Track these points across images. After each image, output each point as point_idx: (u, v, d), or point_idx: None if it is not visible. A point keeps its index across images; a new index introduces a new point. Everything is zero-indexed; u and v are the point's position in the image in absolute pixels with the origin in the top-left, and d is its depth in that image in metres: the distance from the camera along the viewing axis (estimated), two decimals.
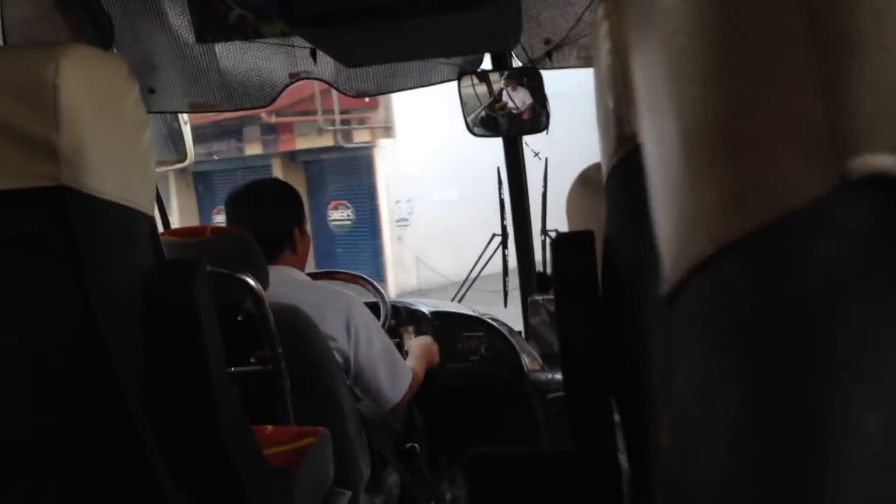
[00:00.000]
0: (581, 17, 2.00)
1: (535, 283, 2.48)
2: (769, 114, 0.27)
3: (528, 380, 2.22)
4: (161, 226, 2.26)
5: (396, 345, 1.93)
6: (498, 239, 2.67)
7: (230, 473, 0.90)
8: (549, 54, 2.12)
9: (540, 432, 2.21)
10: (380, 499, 1.87)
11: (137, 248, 0.86)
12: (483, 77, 2.30)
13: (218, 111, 2.27)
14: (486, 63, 2.34)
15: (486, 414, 2.28)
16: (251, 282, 1.45)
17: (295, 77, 2.18)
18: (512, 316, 2.56)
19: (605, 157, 0.75)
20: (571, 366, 0.79)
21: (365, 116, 11.04)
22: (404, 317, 2.29)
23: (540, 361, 2.27)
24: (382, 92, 2.31)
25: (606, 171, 0.76)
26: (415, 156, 10.16)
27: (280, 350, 1.49)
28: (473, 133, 2.35)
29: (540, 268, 2.56)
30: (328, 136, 11.14)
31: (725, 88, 0.28)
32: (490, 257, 2.73)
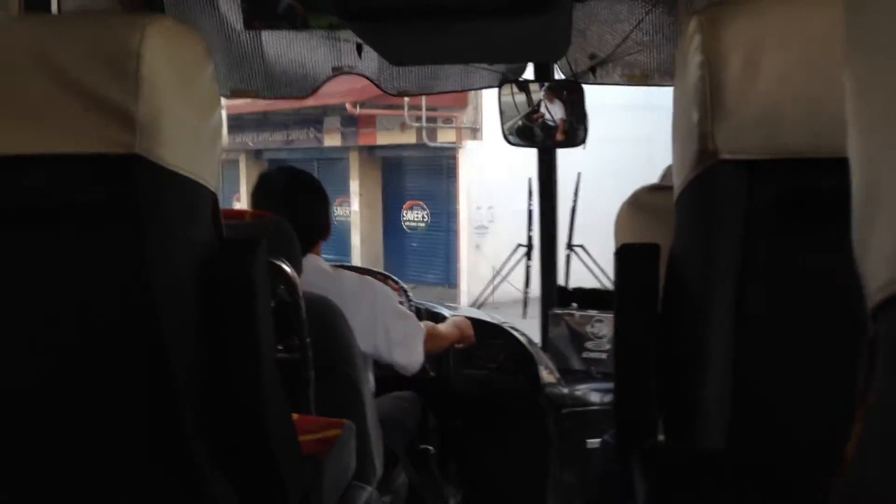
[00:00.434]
0: (629, 36, 2.00)
1: (557, 297, 2.48)
2: None
3: (544, 393, 2.21)
4: None
5: None
6: (522, 249, 2.67)
7: (268, 457, 0.90)
8: (594, 69, 2.12)
9: (552, 447, 2.20)
10: (388, 498, 1.86)
11: (199, 223, 0.86)
12: (524, 87, 2.30)
13: (256, 97, 2.28)
14: (528, 73, 2.35)
15: (499, 423, 2.27)
16: (287, 269, 1.45)
17: (338, 71, 2.18)
18: (530, 328, 2.55)
19: (681, 170, 0.75)
20: (624, 370, 0.79)
21: (452, 115, 10.29)
22: (425, 318, 2.29)
23: (557, 375, 2.26)
24: (423, 93, 2.32)
25: (682, 185, 0.75)
26: (500, 161, 8.99)
27: (309, 340, 1.49)
28: (509, 141, 2.36)
29: (562, 282, 2.56)
30: (411, 133, 10.53)
31: None
32: (513, 267, 2.73)
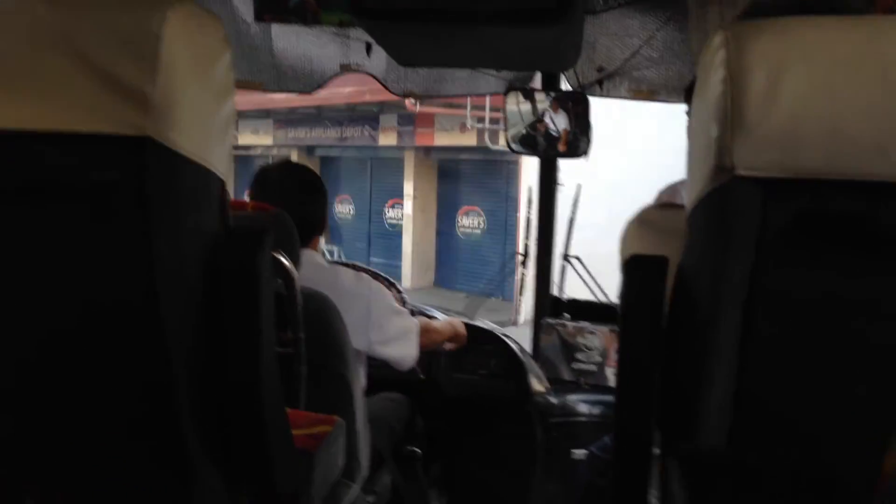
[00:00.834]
0: (638, 51, 2.01)
1: (550, 307, 2.49)
2: None
3: (533, 401, 2.21)
4: None
5: None
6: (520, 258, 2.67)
7: (263, 449, 0.90)
8: (601, 82, 2.13)
9: (537, 455, 2.20)
10: (372, 498, 1.85)
11: (207, 211, 0.86)
12: (529, 95, 2.30)
13: (263, 91, 2.27)
14: (535, 82, 2.36)
15: (487, 429, 2.27)
16: (285, 262, 1.45)
17: (345, 69, 2.19)
18: (521, 337, 2.55)
19: (696, 186, 0.75)
20: (627, 382, 0.79)
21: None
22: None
23: (546, 384, 2.26)
24: (429, 95, 2.32)
25: (695, 199, 0.76)
26: (565, 169, 8.80)
27: (303, 335, 1.49)
28: (511, 149, 2.36)
29: (556, 292, 2.57)
30: (471, 135, 10.10)
31: None
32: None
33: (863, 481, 0.31)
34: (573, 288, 2.63)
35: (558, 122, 2.33)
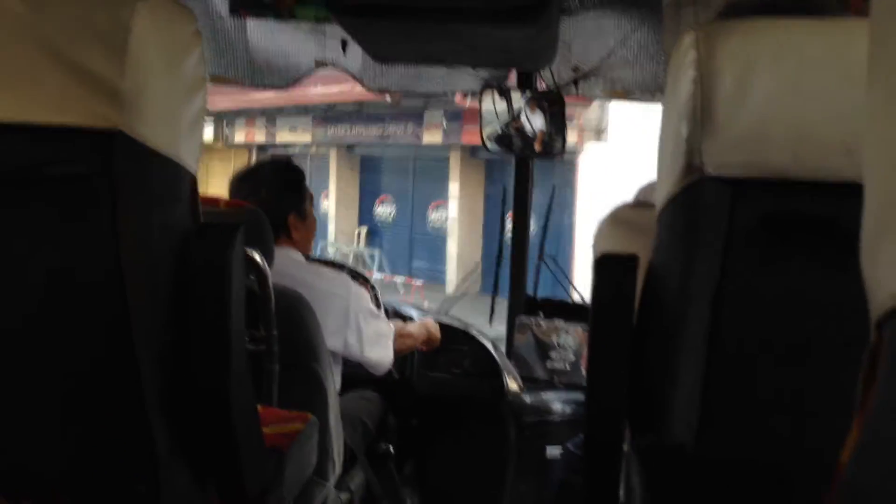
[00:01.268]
0: (613, 51, 2.02)
1: (524, 305, 2.49)
2: None
3: (507, 400, 2.21)
4: None
5: None
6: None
7: (232, 447, 0.89)
8: (576, 82, 2.14)
9: (510, 455, 2.21)
10: (345, 496, 1.85)
11: (177, 205, 0.85)
12: (505, 94, 2.31)
13: (238, 86, 2.25)
14: (512, 80, 2.36)
15: (460, 428, 2.27)
16: (258, 258, 1.44)
17: (321, 64, 2.17)
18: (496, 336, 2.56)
19: (665, 185, 0.76)
20: (596, 379, 0.79)
21: (571, 113, 7.39)
22: (392, 317, 2.28)
23: (520, 384, 2.27)
24: (404, 91, 2.31)
25: (665, 198, 0.76)
26: (628, 167, 7.24)
27: (275, 333, 1.48)
28: (486, 148, 2.36)
29: (530, 292, 2.57)
30: None
31: None
32: None
33: (823, 474, 0.31)
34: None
35: (534, 122, 2.34)
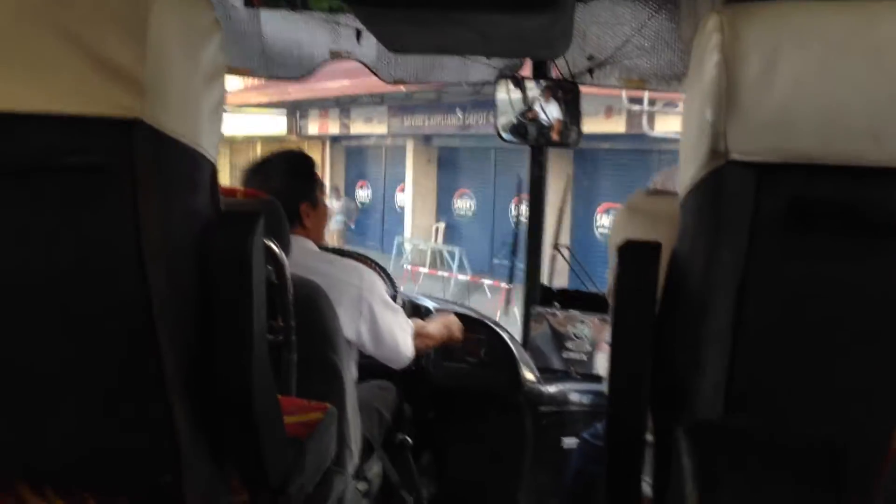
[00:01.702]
0: (629, 39, 2.01)
1: (540, 295, 2.49)
2: None
3: (524, 390, 2.21)
4: None
5: None
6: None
7: (253, 434, 0.89)
8: (591, 70, 2.13)
9: (527, 445, 2.21)
10: (363, 486, 1.85)
11: (198, 194, 0.85)
12: (520, 83, 2.30)
13: (251, 76, 2.26)
14: (525, 71, 2.34)
15: (476, 417, 2.27)
16: (275, 248, 1.44)
17: (336, 55, 2.17)
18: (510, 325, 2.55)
19: (689, 170, 0.75)
20: (619, 367, 0.79)
21: (676, 98, 6.90)
22: (409, 310, 2.28)
23: (536, 373, 2.27)
24: (419, 82, 2.30)
25: (688, 184, 0.75)
26: None
27: (293, 323, 1.48)
28: (501, 138, 2.36)
29: (546, 281, 2.57)
30: (619, 120, 8.40)
31: None
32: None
33: (854, 461, 0.31)
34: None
35: (550, 112, 2.32)
